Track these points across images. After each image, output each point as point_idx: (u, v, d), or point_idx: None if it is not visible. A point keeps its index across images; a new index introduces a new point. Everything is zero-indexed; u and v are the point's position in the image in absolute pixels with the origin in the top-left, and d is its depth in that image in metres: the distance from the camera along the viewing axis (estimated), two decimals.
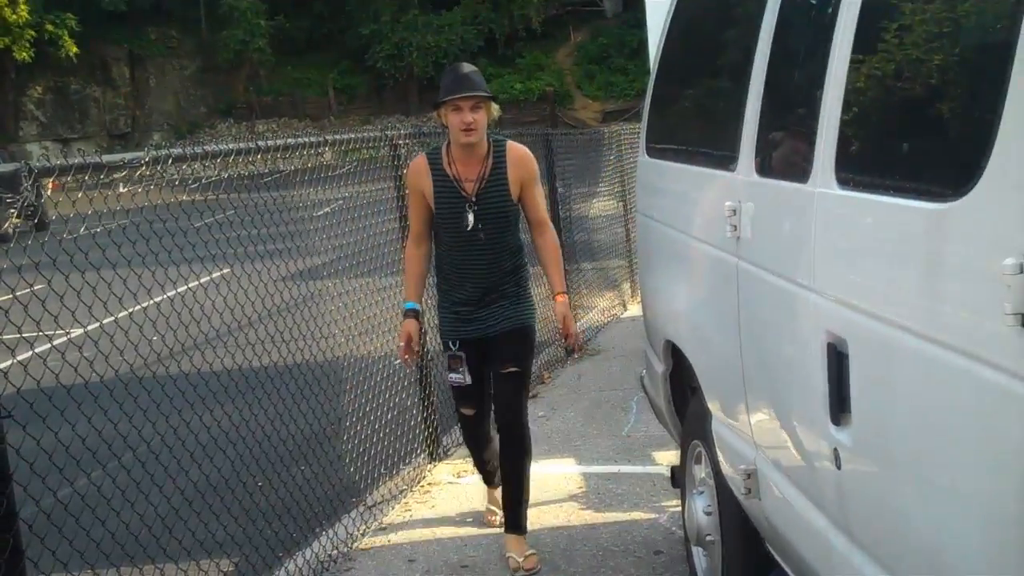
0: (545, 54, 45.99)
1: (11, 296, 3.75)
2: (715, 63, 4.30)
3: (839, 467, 2.63)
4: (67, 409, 4.08)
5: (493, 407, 5.21)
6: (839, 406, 2.60)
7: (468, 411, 5.22)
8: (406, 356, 5.09)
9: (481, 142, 4.94)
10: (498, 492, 5.41)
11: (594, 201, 12.01)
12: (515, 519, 5.12)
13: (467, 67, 5.03)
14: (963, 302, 2.06)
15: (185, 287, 5.15)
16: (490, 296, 5.00)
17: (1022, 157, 1.86)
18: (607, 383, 8.38)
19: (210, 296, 5.08)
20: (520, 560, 5.00)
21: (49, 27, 42.34)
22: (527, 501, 5.17)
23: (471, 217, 4.90)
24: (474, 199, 4.92)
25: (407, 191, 5.33)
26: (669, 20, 4.80)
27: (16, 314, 3.74)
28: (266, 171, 6.31)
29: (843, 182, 2.61)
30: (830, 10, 2.77)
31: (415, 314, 5.09)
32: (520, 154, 5.06)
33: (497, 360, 5.04)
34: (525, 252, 5.18)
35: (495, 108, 5.00)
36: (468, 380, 5.04)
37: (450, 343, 5.06)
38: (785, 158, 3.16)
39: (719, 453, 3.82)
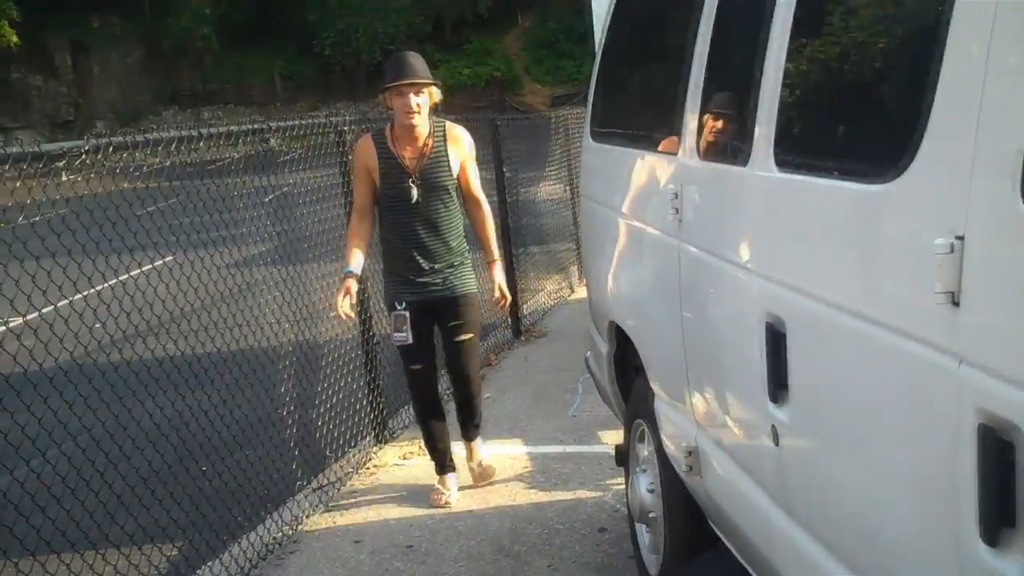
0: (493, 39, 45.94)
1: None
2: (657, 47, 4.32)
3: (777, 444, 2.67)
4: (5, 398, 4.03)
5: (448, 372, 5.82)
6: (777, 384, 2.63)
7: (416, 367, 5.63)
8: (344, 310, 5.34)
9: (423, 124, 5.44)
10: (447, 477, 5.79)
11: (541, 185, 12.03)
12: (466, 431, 5.94)
13: (411, 55, 5.50)
14: (897, 281, 2.09)
15: (127, 275, 5.08)
16: (433, 265, 5.49)
17: (954, 139, 1.89)
18: (554, 365, 8.40)
19: (152, 284, 5.03)
20: (474, 466, 5.90)
21: None
22: (479, 423, 5.95)
23: (414, 191, 5.41)
24: (416, 175, 5.43)
25: (353, 167, 5.71)
26: (612, 6, 4.82)
27: None
28: (211, 159, 6.28)
29: (781, 164, 2.64)
30: (769, 4, 2.79)
31: (353, 275, 5.42)
32: (457, 134, 5.61)
33: (446, 329, 5.62)
34: (464, 227, 5.69)
35: (436, 92, 5.49)
36: (410, 339, 5.47)
37: (396, 303, 5.49)
38: (724, 141, 3.19)
39: (662, 431, 3.85)
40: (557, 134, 12.14)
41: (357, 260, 5.47)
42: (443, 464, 5.80)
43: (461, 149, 5.57)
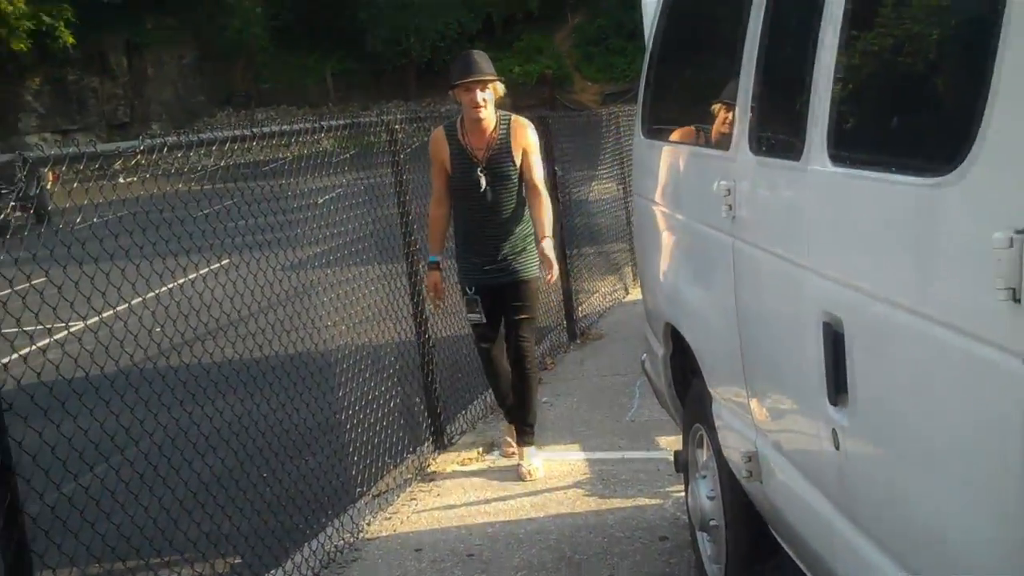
0: (543, 37, 45.83)
1: (9, 290, 3.74)
2: (708, 42, 4.29)
3: (838, 448, 2.63)
4: (68, 402, 4.08)
5: (508, 352, 6.27)
6: (836, 386, 2.60)
7: (485, 344, 6.26)
8: (438, 299, 6.24)
9: (489, 117, 6.01)
10: (514, 428, 6.44)
11: (593, 184, 11.95)
12: (521, 434, 6.32)
13: (476, 54, 6.06)
14: (955, 278, 2.05)
15: (184, 279, 5.14)
16: (499, 249, 6.03)
17: (1013, 131, 1.86)
18: (610, 368, 8.37)
19: (209, 287, 5.07)
20: (526, 467, 6.13)
21: (46, 18, 42.23)
22: (533, 420, 6.35)
23: (482, 180, 5.96)
24: (484, 164, 5.98)
25: (430, 158, 6.19)
26: (661, 4, 4.78)
27: (15, 307, 3.73)
28: (266, 159, 6.32)
29: (836, 159, 2.60)
30: None
31: (436, 266, 6.16)
32: (521, 125, 6.12)
33: (509, 309, 6.14)
34: (528, 215, 6.11)
35: (500, 87, 6.06)
36: (484, 319, 6.08)
37: (467, 288, 6.10)
38: (778, 136, 3.15)
39: (720, 436, 3.81)
40: (608, 131, 12.08)
41: (440, 248, 6.19)
42: (511, 413, 6.42)
43: (524, 140, 6.03)
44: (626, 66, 42.02)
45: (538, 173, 6.06)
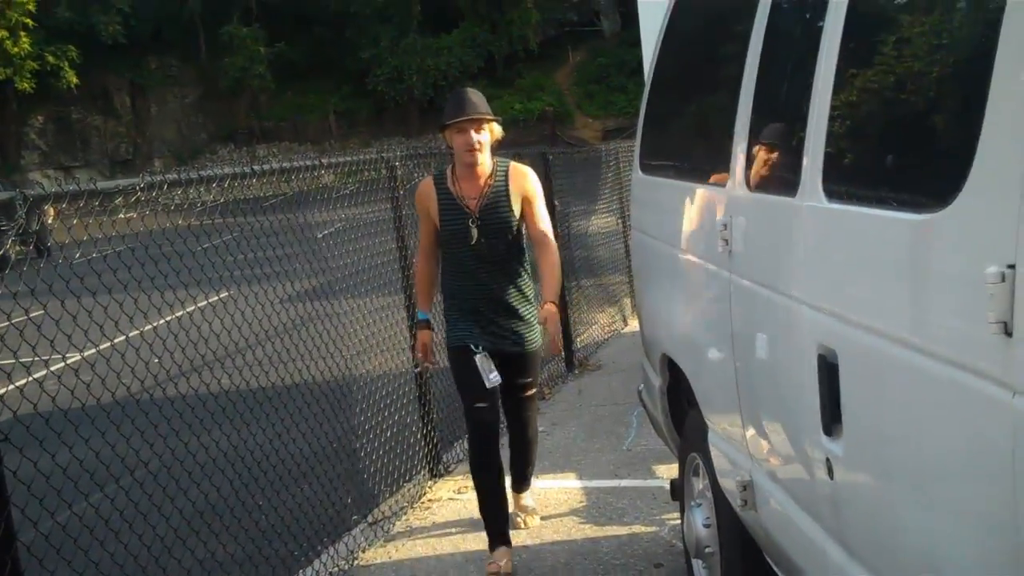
0: (544, 75, 46.14)
1: (7, 323, 3.76)
2: (706, 80, 4.33)
3: (832, 477, 2.64)
4: (64, 432, 4.08)
5: (507, 423, 5.66)
6: (831, 417, 2.61)
7: (482, 404, 5.25)
8: (428, 362, 5.68)
9: (485, 162, 5.25)
10: (501, 551, 5.28)
11: (593, 218, 12.04)
12: (518, 480, 5.86)
13: (470, 91, 5.36)
14: (948, 311, 2.07)
15: (182, 311, 5.16)
16: (496, 312, 5.29)
17: (1003, 167, 1.87)
18: (607, 398, 8.38)
19: (207, 319, 5.09)
20: (521, 516, 5.79)
21: (50, 59, 42.59)
22: (531, 472, 5.89)
23: (475, 231, 5.19)
24: (477, 215, 5.21)
25: (416, 211, 5.55)
26: (661, 38, 4.83)
27: (12, 340, 3.75)
28: (267, 195, 6.35)
29: (830, 195, 2.63)
30: (815, 28, 2.80)
31: (427, 324, 5.51)
32: (521, 172, 5.36)
33: (511, 381, 5.38)
34: (530, 270, 5.42)
35: (497, 128, 5.31)
36: (500, 379, 5.21)
37: (471, 346, 5.23)
38: (774, 173, 3.18)
39: (716, 465, 3.82)
40: (608, 167, 12.16)
41: (429, 304, 5.53)
42: (497, 536, 5.32)
43: (525, 187, 5.29)
44: (627, 103, 42.31)
45: (544, 224, 5.32)
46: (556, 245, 5.36)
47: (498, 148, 5.53)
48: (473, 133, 5.16)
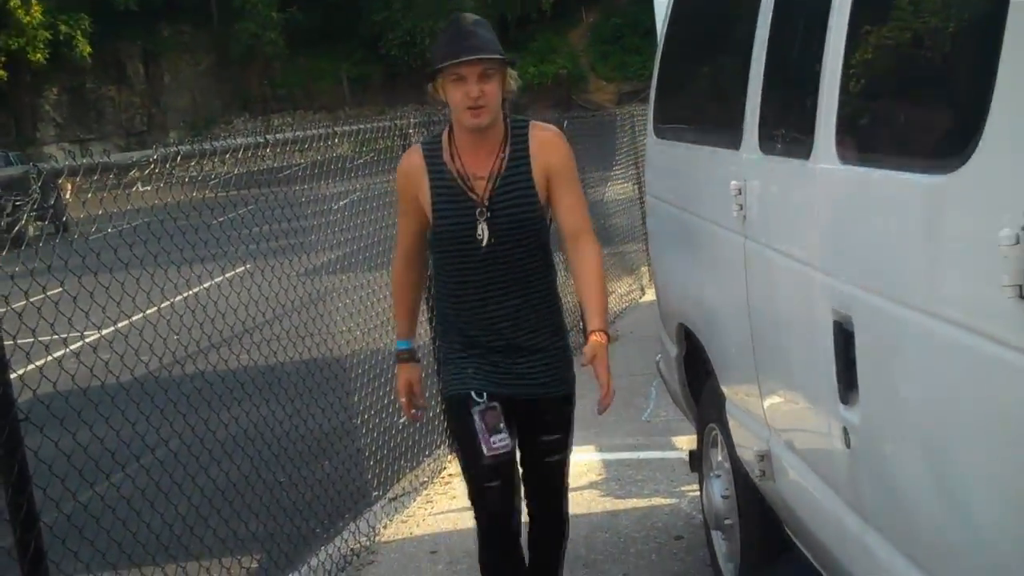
0: (558, 36, 45.84)
1: (25, 301, 3.77)
2: (717, 42, 4.28)
3: (849, 447, 2.62)
4: (84, 411, 4.11)
5: (525, 493, 3.85)
6: (847, 385, 2.59)
7: (493, 483, 3.68)
8: (412, 411, 3.97)
9: (495, 125, 3.61)
10: None
11: (609, 185, 11.96)
12: None
13: (471, 20, 3.65)
14: (963, 275, 2.05)
15: (199, 287, 5.17)
16: (514, 340, 3.69)
17: (1016, 129, 1.85)
18: (626, 369, 8.32)
19: (224, 295, 5.09)
20: None
21: (63, 28, 42.55)
22: None
23: (484, 229, 3.58)
24: (487, 204, 3.59)
25: (398, 194, 3.86)
26: (672, 2, 4.78)
27: (31, 318, 3.76)
28: (281, 166, 6.32)
29: (844, 158, 2.60)
30: None
31: (410, 355, 3.92)
32: (548, 138, 3.70)
33: (533, 440, 3.83)
34: (555, 280, 3.87)
35: (513, 76, 3.66)
36: (511, 443, 3.66)
37: (473, 394, 3.64)
38: (787, 135, 3.15)
39: (734, 436, 3.81)
40: (624, 131, 12.08)
41: (411, 329, 3.95)
42: None
43: (553, 160, 3.66)
44: (641, 65, 42.00)
45: (582, 212, 3.74)
46: (599, 244, 3.79)
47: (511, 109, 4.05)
48: (476, 83, 3.49)
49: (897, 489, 2.42)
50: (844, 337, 2.57)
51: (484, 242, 3.59)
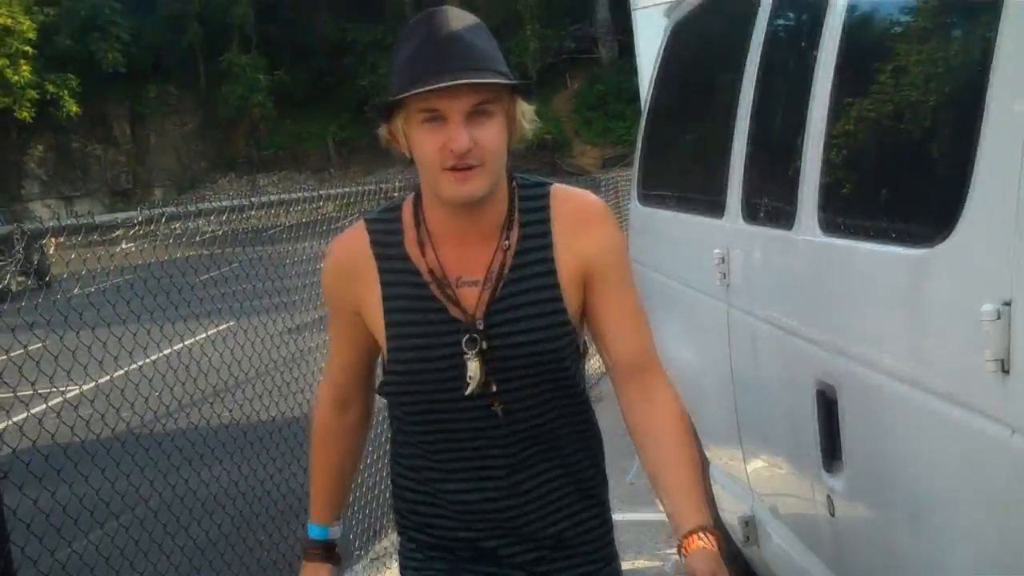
0: (542, 102, 46.16)
1: (6, 358, 3.76)
2: (701, 111, 4.34)
3: (833, 514, 2.63)
4: (64, 469, 4.08)
5: None
6: (831, 453, 2.60)
7: None
8: None
9: (496, 194, 2.15)
10: None
11: None
12: None
13: (455, 16, 2.12)
14: (946, 348, 2.07)
15: (181, 344, 5.16)
16: (526, 540, 2.29)
17: (998, 204, 1.88)
18: (610, 431, 8.21)
19: (207, 353, 5.08)
20: None
21: (51, 87, 42.72)
22: None
23: (476, 370, 2.14)
24: (482, 327, 2.15)
25: (324, 299, 2.41)
26: (656, 69, 4.85)
27: (10, 374, 3.75)
28: (266, 226, 6.34)
29: (827, 228, 2.63)
30: (810, 59, 2.81)
31: (324, 551, 2.53)
32: (584, 210, 2.25)
33: None
34: (599, 436, 2.51)
35: (526, 114, 2.15)
36: None
37: None
38: (770, 205, 3.18)
39: (717, 500, 3.81)
40: (608, 196, 12.16)
41: (330, 507, 2.52)
42: None
43: (597, 247, 2.21)
44: (625, 131, 42.30)
45: (645, 333, 2.31)
46: (674, 385, 2.30)
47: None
48: (461, 124, 2.03)
49: (881, 557, 2.42)
50: (827, 405, 2.59)
51: (475, 390, 2.13)
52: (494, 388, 2.16)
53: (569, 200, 2.25)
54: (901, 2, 2.57)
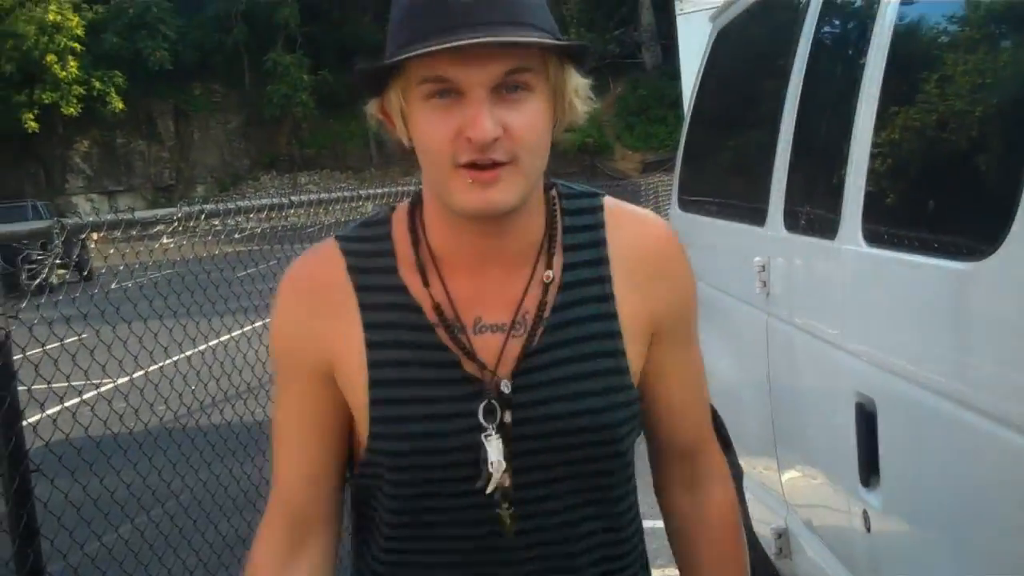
0: None
1: (42, 350, 3.77)
2: (745, 117, 4.29)
3: (869, 530, 2.58)
4: (96, 463, 4.08)
5: None
6: (868, 467, 2.55)
7: None
8: None
9: (533, 204, 1.54)
10: None
11: None
12: None
13: None
14: (991, 363, 2.01)
15: (216, 340, 5.15)
16: None
17: None
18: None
19: (242, 349, 5.08)
20: None
21: (97, 84, 43.22)
22: None
23: (496, 452, 1.49)
24: (507, 384, 1.50)
25: (275, 360, 1.62)
26: (700, 74, 4.80)
27: (46, 367, 3.76)
28: (307, 223, 6.36)
29: (870, 239, 2.58)
30: (857, 67, 2.76)
31: None
32: (653, 238, 1.64)
33: None
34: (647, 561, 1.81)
35: (579, 86, 1.51)
36: None
37: None
38: (813, 214, 3.13)
39: (751, 511, 3.76)
40: (648, 201, 12.13)
41: None
42: None
43: (666, 291, 1.61)
44: (666, 135, 42.25)
45: (704, 404, 1.77)
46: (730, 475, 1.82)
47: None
48: (485, 102, 1.39)
49: (917, 575, 2.37)
50: (866, 419, 2.53)
51: (494, 483, 1.50)
52: (507, 482, 1.49)
53: (633, 222, 1.63)
54: (950, 10, 2.51)
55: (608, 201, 1.63)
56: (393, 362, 1.51)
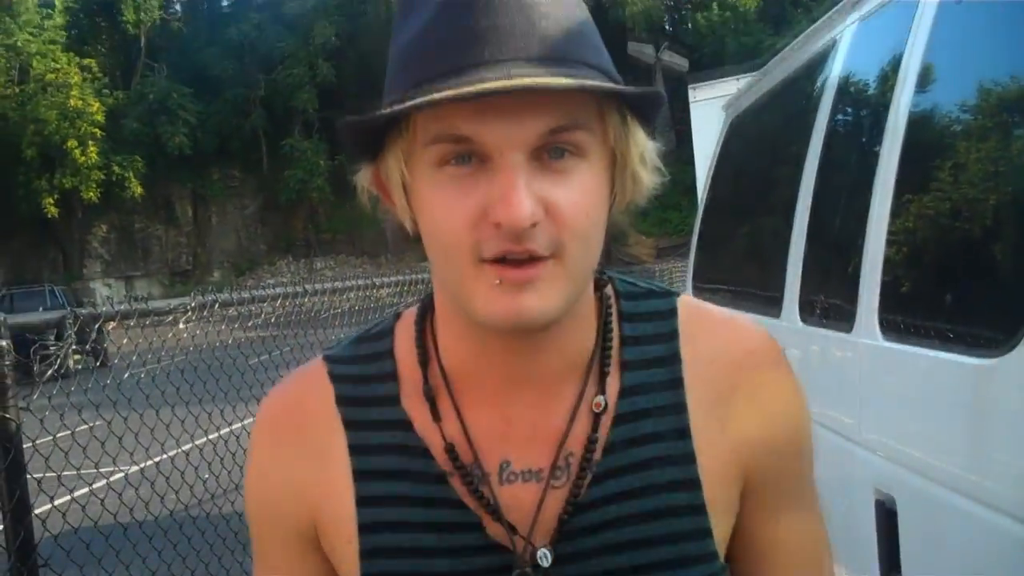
0: None
1: (51, 438, 3.75)
2: (758, 205, 4.28)
3: None
4: (104, 558, 4.03)
5: None
6: (890, 564, 2.49)
7: None
8: None
9: (580, 308, 1.14)
10: None
11: None
12: None
13: None
14: (1012, 462, 1.97)
15: (227, 428, 5.12)
16: None
17: None
18: None
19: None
20: None
21: (116, 169, 43.70)
22: None
23: None
24: (546, 554, 1.09)
25: (251, 521, 1.22)
26: (714, 161, 4.81)
27: (56, 458, 3.74)
28: (321, 308, 6.36)
29: (887, 332, 2.54)
30: (872, 155, 2.74)
31: None
32: (744, 346, 1.21)
33: None
34: None
35: (645, 150, 1.21)
36: None
37: None
38: (829, 305, 3.10)
39: None
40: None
41: None
42: None
43: (763, 419, 1.18)
44: (680, 221, 42.40)
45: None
46: None
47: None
48: (516, 169, 1.00)
49: None
50: (887, 516, 2.48)
51: None
52: None
53: (717, 329, 1.21)
54: (964, 100, 2.50)
55: (685, 302, 1.22)
56: (392, 525, 1.12)
